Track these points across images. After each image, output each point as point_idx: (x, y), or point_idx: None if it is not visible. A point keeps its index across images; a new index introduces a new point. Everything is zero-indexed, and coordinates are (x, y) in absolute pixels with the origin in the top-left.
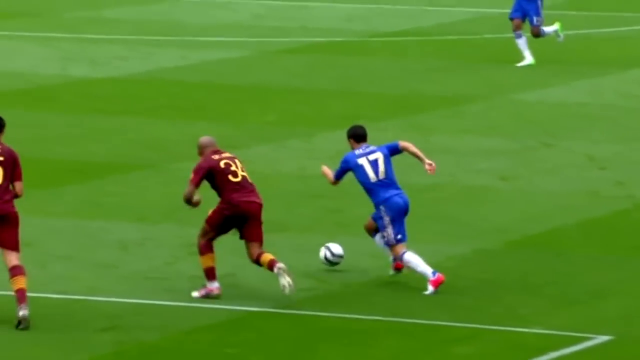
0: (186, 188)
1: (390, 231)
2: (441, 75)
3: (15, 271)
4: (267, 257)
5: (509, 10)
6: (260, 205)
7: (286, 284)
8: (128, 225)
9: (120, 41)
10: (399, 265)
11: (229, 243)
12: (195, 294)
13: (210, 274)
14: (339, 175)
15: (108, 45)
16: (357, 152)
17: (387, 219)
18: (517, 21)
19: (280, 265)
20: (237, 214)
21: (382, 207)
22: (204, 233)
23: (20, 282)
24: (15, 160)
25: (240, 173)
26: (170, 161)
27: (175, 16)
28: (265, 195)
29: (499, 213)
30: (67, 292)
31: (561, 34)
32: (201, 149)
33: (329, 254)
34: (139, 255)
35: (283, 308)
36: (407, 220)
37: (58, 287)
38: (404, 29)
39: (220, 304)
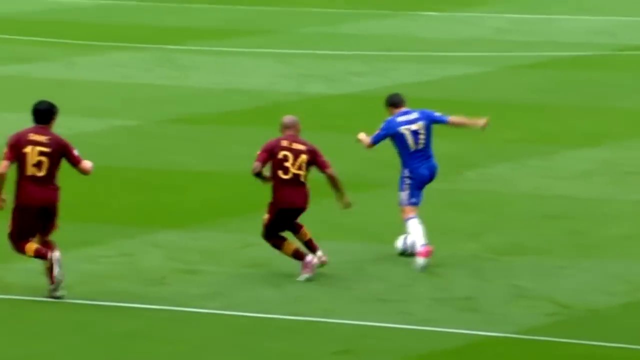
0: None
1: (406, 194)
2: None
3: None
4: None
5: None
6: (304, 201)
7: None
8: (363, 245)
9: (357, 57)
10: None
11: (469, 265)
12: (301, 278)
13: (299, 255)
14: (377, 141)
15: (344, 60)
16: (398, 119)
17: (407, 182)
18: None
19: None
20: (287, 211)
21: (407, 171)
22: (267, 234)
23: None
24: (65, 148)
25: (292, 170)
26: None
27: (414, 30)
28: (502, 216)
29: None
30: (302, 313)
31: None
32: (281, 128)
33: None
34: (375, 276)
35: (524, 334)
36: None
37: (292, 308)
38: None
39: (457, 329)
